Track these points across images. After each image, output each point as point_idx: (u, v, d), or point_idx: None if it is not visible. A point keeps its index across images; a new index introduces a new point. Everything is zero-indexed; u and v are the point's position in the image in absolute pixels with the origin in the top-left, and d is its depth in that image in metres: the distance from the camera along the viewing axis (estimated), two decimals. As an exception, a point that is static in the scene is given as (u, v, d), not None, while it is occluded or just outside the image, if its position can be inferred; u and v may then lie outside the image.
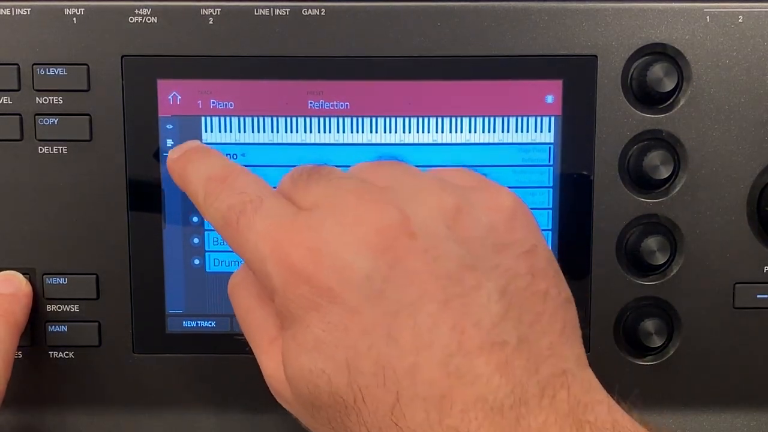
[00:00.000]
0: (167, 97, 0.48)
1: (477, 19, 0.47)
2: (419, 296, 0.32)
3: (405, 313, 0.32)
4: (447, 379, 0.31)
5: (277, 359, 0.35)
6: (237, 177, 0.37)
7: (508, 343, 0.32)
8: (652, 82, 0.47)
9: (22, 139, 0.48)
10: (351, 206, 0.34)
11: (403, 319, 0.32)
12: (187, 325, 0.50)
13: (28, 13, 0.47)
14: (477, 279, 0.33)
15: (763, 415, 0.51)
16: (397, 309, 0.32)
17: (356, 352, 0.32)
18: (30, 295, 0.48)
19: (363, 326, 0.32)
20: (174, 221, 0.49)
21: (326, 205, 0.34)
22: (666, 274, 0.49)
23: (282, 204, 0.36)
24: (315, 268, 0.33)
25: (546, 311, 0.33)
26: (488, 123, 0.48)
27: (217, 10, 0.47)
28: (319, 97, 0.48)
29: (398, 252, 0.32)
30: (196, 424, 0.51)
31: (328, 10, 0.47)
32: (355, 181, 0.36)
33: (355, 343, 0.32)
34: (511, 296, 0.33)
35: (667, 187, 0.48)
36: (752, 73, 0.48)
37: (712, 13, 0.47)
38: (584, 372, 0.34)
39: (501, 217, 0.35)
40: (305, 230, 0.34)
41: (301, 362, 0.33)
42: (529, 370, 0.31)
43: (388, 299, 0.32)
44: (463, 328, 0.31)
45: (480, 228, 0.34)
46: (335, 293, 0.32)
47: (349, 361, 0.32)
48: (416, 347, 0.31)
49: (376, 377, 0.32)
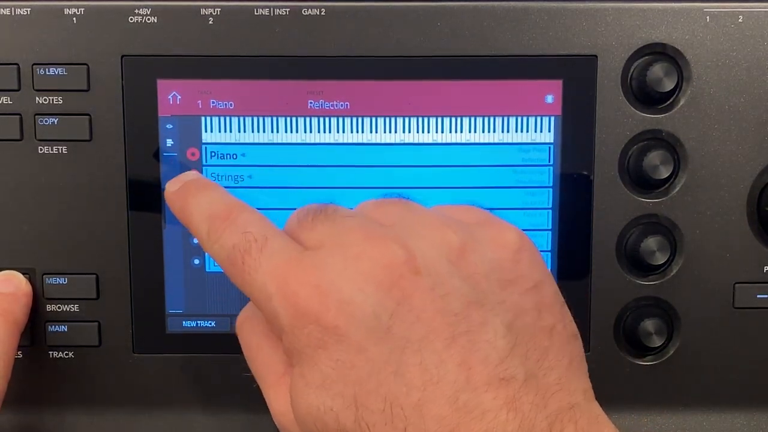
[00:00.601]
0: (167, 97, 0.48)
1: (477, 19, 0.47)
2: (426, 333, 0.32)
3: (412, 350, 0.32)
4: (455, 415, 0.31)
5: (285, 396, 0.36)
6: (240, 214, 0.37)
7: (516, 378, 0.32)
8: (652, 82, 0.47)
9: (22, 139, 0.48)
10: (356, 244, 0.34)
11: (409, 355, 0.32)
12: (187, 325, 0.50)
13: (28, 13, 0.47)
14: (483, 315, 0.33)
15: (763, 415, 0.51)
16: (403, 346, 0.32)
17: (364, 388, 0.32)
18: (30, 294, 0.48)
19: (370, 363, 0.32)
20: (174, 221, 0.49)
21: (331, 243, 0.35)
22: (666, 274, 0.49)
23: (287, 243, 0.36)
24: (321, 307, 0.33)
25: (553, 346, 0.34)
26: (488, 123, 0.48)
27: (217, 10, 0.47)
28: (319, 97, 0.48)
29: (404, 289, 0.33)
30: (196, 424, 0.51)
31: (328, 10, 0.47)
32: (359, 219, 0.36)
33: (362, 380, 0.32)
34: (517, 332, 0.33)
35: (667, 187, 0.48)
36: (752, 73, 0.48)
37: (712, 13, 0.47)
38: (591, 405, 0.34)
39: (506, 253, 0.35)
40: (311, 269, 0.34)
41: (309, 400, 0.33)
42: (537, 405, 0.32)
43: (395, 336, 0.32)
44: (471, 364, 0.32)
45: (485, 264, 0.34)
46: (342, 331, 0.33)
47: (356, 398, 0.32)
48: (423, 383, 0.32)
49: (384, 414, 0.32)
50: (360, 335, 0.32)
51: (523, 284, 0.35)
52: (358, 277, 0.33)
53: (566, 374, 0.33)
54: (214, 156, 0.48)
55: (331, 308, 0.33)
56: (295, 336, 0.33)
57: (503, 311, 0.33)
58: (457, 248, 0.34)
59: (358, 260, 0.33)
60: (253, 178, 0.48)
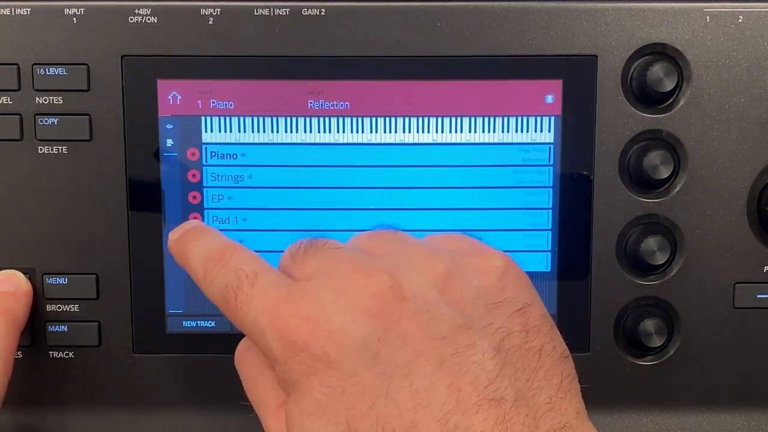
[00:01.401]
0: (167, 97, 0.48)
1: (477, 19, 0.47)
2: (414, 357, 0.33)
3: (401, 374, 0.33)
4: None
5: (282, 424, 0.36)
6: (233, 255, 0.38)
7: (506, 399, 0.32)
8: (652, 82, 0.47)
9: (22, 139, 0.48)
10: (344, 274, 0.35)
11: (399, 379, 0.33)
12: (187, 325, 0.50)
13: (28, 13, 0.47)
14: (470, 338, 0.33)
15: (763, 415, 0.51)
16: (393, 370, 0.33)
17: (356, 413, 0.33)
18: (30, 293, 0.48)
19: (361, 388, 0.33)
20: (174, 221, 0.49)
21: (321, 274, 0.36)
22: (666, 274, 0.49)
23: (278, 277, 0.37)
24: (312, 337, 0.34)
25: (542, 367, 0.34)
26: (488, 123, 0.48)
27: (217, 10, 0.47)
28: (319, 97, 0.48)
29: (392, 315, 0.34)
30: (196, 424, 0.51)
31: (328, 10, 0.47)
32: (349, 251, 0.37)
33: (354, 405, 0.33)
34: (505, 353, 0.34)
35: (667, 187, 0.48)
36: (752, 73, 0.48)
37: (712, 13, 0.47)
38: (584, 425, 0.34)
39: (491, 278, 0.36)
40: (300, 300, 0.35)
41: (305, 426, 0.34)
42: (528, 425, 0.32)
43: (384, 361, 0.33)
44: (460, 386, 0.32)
45: (471, 290, 0.35)
46: (332, 358, 0.33)
47: (349, 423, 0.33)
48: (414, 406, 0.32)
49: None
50: (350, 361, 0.33)
51: (509, 307, 0.35)
52: (348, 307, 0.34)
53: (557, 394, 0.34)
54: (214, 156, 0.48)
55: (321, 337, 0.33)
56: (288, 365, 0.34)
57: (490, 333, 0.34)
58: (443, 275, 0.35)
59: (347, 290, 0.34)
60: (253, 178, 0.48)
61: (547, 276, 0.49)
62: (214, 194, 0.49)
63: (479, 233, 0.49)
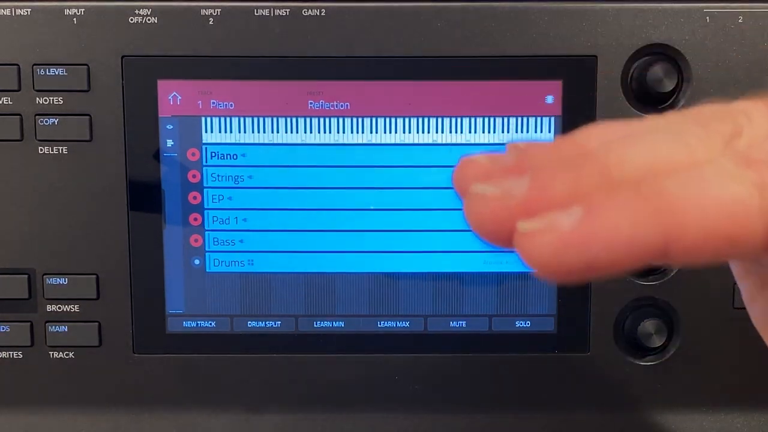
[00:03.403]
0: (167, 97, 0.48)
1: (477, 19, 0.47)
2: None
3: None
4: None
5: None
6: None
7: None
8: (652, 82, 0.47)
9: (22, 139, 0.48)
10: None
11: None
12: (187, 325, 0.50)
13: (28, 13, 0.47)
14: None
15: (763, 415, 0.51)
16: None
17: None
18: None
19: None
20: (174, 221, 0.49)
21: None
22: (666, 274, 0.49)
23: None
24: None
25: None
26: (488, 123, 0.48)
27: (217, 10, 0.47)
28: (319, 97, 0.48)
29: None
30: (196, 424, 0.51)
31: (328, 10, 0.47)
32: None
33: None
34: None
35: (667, 187, 0.48)
36: (752, 73, 0.47)
37: (712, 13, 0.47)
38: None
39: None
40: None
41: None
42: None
43: None
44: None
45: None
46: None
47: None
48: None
49: None
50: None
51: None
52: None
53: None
54: (215, 156, 0.48)
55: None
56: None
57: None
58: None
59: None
60: (253, 178, 0.48)
61: (547, 276, 0.49)
62: (214, 194, 0.49)
63: (479, 233, 0.49)
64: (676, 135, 0.25)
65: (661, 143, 0.25)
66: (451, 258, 0.49)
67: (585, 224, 0.23)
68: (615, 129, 0.27)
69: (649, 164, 0.25)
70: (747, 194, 0.24)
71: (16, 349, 0.49)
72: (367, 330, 0.50)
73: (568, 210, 0.23)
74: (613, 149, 0.25)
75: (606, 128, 0.27)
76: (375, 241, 0.49)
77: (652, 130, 0.26)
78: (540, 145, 0.27)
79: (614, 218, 0.23)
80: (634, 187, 0.24)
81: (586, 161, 0.25)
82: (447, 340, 0.50)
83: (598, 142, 0.26)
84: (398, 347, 0.50)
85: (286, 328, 0.50)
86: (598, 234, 0.23)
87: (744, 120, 0.26)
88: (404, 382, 0.50)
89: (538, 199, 0.24)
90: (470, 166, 0.28)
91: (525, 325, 0.50)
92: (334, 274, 0.49)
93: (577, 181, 0.24)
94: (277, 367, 0.50)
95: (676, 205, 0.23)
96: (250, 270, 0.49)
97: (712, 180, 0.24)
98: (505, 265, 0.49)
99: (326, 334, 0.50)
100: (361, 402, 0.51)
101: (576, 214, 0.23)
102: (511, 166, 0.26)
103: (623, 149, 0.25)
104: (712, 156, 0.25)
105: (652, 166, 0.25)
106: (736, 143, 0.26)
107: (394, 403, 0.51)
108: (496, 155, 0.27)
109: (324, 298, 0.50)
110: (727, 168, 0.24)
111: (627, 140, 0.25)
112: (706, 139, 0.25)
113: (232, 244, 0.49)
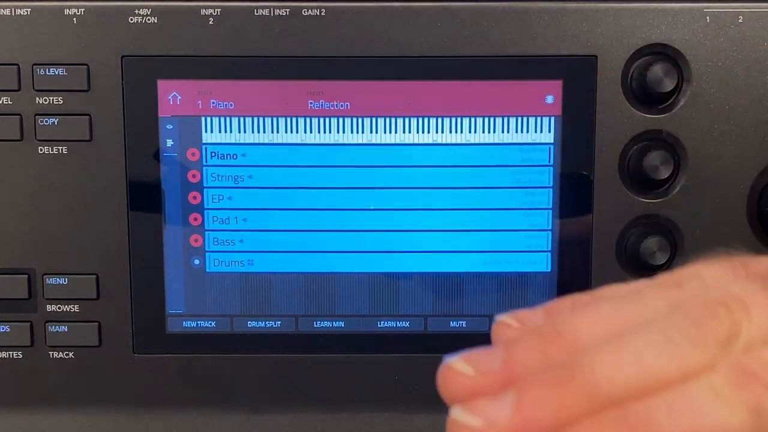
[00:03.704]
0: (167, 97, 0.48)
1: (477, 19, 0.47)
2: None
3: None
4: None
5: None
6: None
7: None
8: (652, 82, 0.47)
9: (22, 139, 0.48)
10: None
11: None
12: (187, 325, 0.50)
13: (28, 13, 0.47)
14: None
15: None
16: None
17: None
18: None
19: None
20: (174, 221, 0.49)
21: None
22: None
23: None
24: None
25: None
26: (488, 123, 0.48)
27: (217, 10, 0.47)
28: (319, 97, 0.48)
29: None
30: (196, 424, 0.51)
31: (328, 10, 0.47)
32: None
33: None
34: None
35: (667, 187, 0.48)
36: (752, 73, 0.47)
37: (712, 13, 0.47)
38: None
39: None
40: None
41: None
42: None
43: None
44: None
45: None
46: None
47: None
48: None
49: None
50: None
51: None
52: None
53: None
54: (214, 156, 0.48)
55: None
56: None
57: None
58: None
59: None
60: (253, 178, 0.48)
61: (547, 276, 0.49)
62: (214, 194, 0.49)
63: (479, 233, 0.49)
64: (668, 339, 0.25)
65: (652, 352, 0.24)
66: (451, 258, 0.49)
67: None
68: (604, 318, 0.26)
69: (640, 378, 0.24)
70: (739, 421, 0.23)
71: (16, 349, 0.49)
72: (367, 330, 0.50)
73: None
74: (603, 361, 0.24)
75: (595, 316, 0.27)
76: (375, 241, 0.49)
77: (643, 327, 0.25)
78: (527, 339, 0.26)
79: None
80: (622, 414, 0.24)
81: (574, 374, 0.24)
82: (447, 340, 0.50)
83: (588, 337, 0.26)
84: (398, 347, 0.50)
85: (286, 328, 0.50)
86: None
87: (742, 316, 0.26)
88: (404, 382, 0.50)
89: (522, 428, 0.24)
90: (453, 378, 0.26)
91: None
92: (334, 274, 0.49)
93: (563, 403, 0.24)
94: (277, 367, 0.50)
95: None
96: (250, 270, 0.49)
97: (702, 406, 0.24)
98: (505, 265, 0.49)
99: (326, 334, 0.50)
100: (361, 402, 0.51)
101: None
102: (495, 375, 0.26)
103: (612, 361, 0.24)
104: (706, 363, 0.24)
105: (643, 382, 0.24)
106: (734, 345, 0.25)
107: (394, 403, 0.51)
108: (479, 358, 0.26)
109: (324, 298, 0.50)
110: (719, 389, 0.24)
111: (617, 347, 0.25)
112: (701, 344, 0.25)
113: (232, 244, 0.49)
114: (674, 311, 0.26)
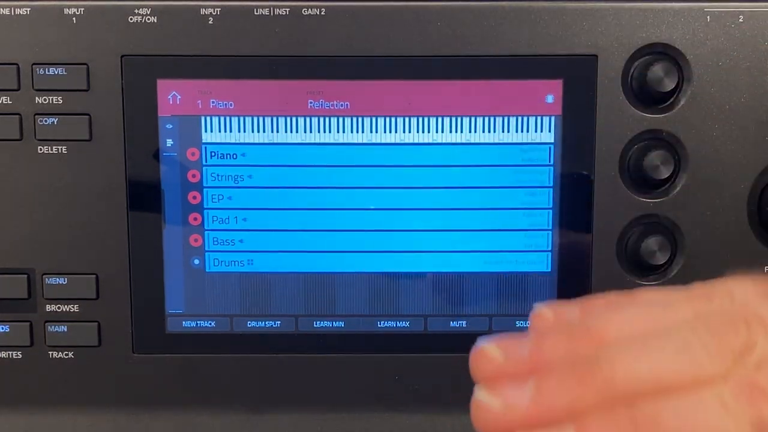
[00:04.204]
0: (167, 97, 0.48)
1: (477, 19, 0.47)
2: None
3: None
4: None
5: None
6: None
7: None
8: (652, 82, 0.47)
9: (22, 139, 0.48)
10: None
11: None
12: (187, 325, 0.50)
13: (28, 13, 0.47)
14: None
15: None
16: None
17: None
18: None
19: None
20: (174, 221, 0.49)
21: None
22: (666, 274, 0.49)
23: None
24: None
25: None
26: (488, 123, 0.48)
27: (217, 10, 0.47)
28: (319, 97, 0.48)
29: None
30: (195, 424, 0.51)
31: (328, 10, 0.47)
32: None
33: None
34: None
35: (667, 187, 0.48)
36: (752, 73, 0.47)
37: (712, 13, 0.47)
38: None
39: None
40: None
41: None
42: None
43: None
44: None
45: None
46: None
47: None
48: None
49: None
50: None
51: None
52: None
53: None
54: (214, 156, 0.48)
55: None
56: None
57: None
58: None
59: None
60: (253, 178, 0.48)
61: (547, 276, 0.49)
62: (214, 194, 0.49)
63: (480, 233, 0.49)
64: (686, 345, 0.26)
65: (669, 355, 0.26)
66: (451, 258, 0.49)
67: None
68: (632, 320, 0.28)
69: (654, 379, 0.26)
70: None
71: (15, 349, 0.49)
72: (367, 330, 0.50)
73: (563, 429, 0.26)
74: (622, 359, 0.26)
75: (624, 317, 0.28)
76: (375, 241, 0.49)
77: (666, 331, 0.27)
78: (557, 332, 0.28)
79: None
80: (631, 411, 0.25)
81: (593, 369, 0.26)
82: (447, 340, 0.50)
83: (614, 336, 0.27)
84: (398, 347, 0.50)
85: (286, 328, 0.50)
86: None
87: (760, 335, 0.27)
88: (404, 382, 0.50)
89: (537, 415, 0.26)
90: (484, 360, 0.29)
91: (525, 325, 0.50)
92: (334, 274, 0.49)
93: (579, 394, 0.26)
94: (277, 367, 0.50)
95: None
96: (250, 270, 0.49)
97: (708, 413, 0.25)
98: (505, 265, 0.49)
99: (326, 334, 0.50)
100: (361, 402, 0.51)
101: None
102: (523, 363, 0.28)
103: (631, 361, 0.26)
104: (718, 373, 0.26)
105: (658, 381, 0.26)
106: (747, 359, 0.26)
107: (394, 403, 0.51)
108: (510, 344, 0.28)
109: (324, 298, 0.50)
110: (726, 400, 0.25)
111: (638, 347, 0.26)
112: (717, 354, 0.26)
113: (232, 243, 0.49)
114: (697, 320, 0.27)
